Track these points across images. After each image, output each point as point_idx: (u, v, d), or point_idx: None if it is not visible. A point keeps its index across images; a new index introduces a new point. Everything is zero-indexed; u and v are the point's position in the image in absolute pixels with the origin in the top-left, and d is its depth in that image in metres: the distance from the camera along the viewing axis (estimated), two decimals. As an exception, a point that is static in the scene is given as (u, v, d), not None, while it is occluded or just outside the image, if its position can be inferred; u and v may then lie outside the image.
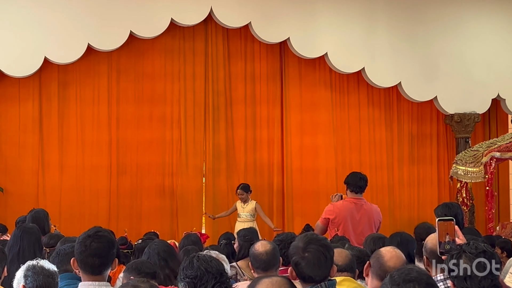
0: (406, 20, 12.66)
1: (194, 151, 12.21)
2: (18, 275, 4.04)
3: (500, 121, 13.69)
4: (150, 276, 4.70)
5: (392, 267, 3.86)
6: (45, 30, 11.06)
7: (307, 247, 3.68)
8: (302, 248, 3.68)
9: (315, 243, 3.72)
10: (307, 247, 3.68)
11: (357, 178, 8.16)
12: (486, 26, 13.11)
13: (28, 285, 3.97)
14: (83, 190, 11.65)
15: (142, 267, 4.78)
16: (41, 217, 7.56)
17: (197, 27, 12.15)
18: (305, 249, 3.67)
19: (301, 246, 3.69)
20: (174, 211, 12.06)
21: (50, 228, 7.76)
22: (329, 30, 12.26)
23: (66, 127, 11.69)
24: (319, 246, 3.72)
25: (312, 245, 3.70)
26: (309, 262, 3.63)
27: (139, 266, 4.79)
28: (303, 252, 3.66)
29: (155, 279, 4.78)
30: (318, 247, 3.70)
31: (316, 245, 3.71)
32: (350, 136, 12.94)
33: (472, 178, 11.29)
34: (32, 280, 3.96)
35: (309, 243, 3.71)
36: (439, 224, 3.64)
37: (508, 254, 7.83)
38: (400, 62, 12.56)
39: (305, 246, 3.68)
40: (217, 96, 12.37)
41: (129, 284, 3.09)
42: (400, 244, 5.45)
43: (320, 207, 11.35)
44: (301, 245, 3.70)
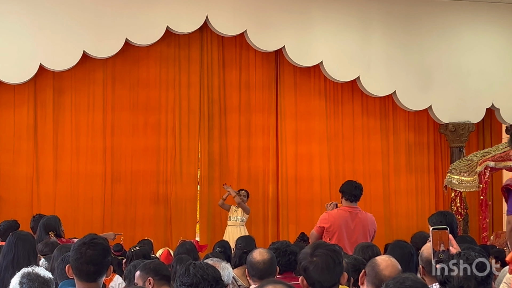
0: (401, 29, 12.69)
1: (188, 158, 12.20)
2: (13, 282, 4.02)
3: (494, 131, 13.71)
4: (166, 279, 4.74)
5: (388, 276, 3.87)
6: (41, 37, 11.06)
7: (315, 251, 3.67)
8: (310, 253, 3.67)
9: (323, 247, 3.72)
10: (315, 252, 3.67)
11: (352, 187, 8.15)
12: (481, 36, 13.14)
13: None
14: (77, 197, 11.64)
15: (161, 269, 4.82)
16: (52, 223, 7.57)
17: (193, 35, 12.16)
18: (313, 253, 3.66)
19: (309, 251, 3.69)
20: (168, 219, 12.05)
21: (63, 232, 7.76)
22: (324, 39, 12.28)
23: (60, 134, 11.68)
24: (327, 250, 3.71)
25: (320, 249, 3.69)
26: (317, 266, 3.62)
27: (157, 268, 4.83)
28: (311, 257, 3.65)
29: (169, 282, 4.81)
30: (326, 251, 3.69)
31: (324, 249, 3.70)
32: (344, 145, 12.95)
33: (466, 187, 11.31)
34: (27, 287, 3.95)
35: (317, 247, 3.71)
36: (433, 232, 3.64)
37: (502, 263, 7.83)
38: (395, 72, 12.58)
39: (313, 251, 3.67)
40: (212, 104, 12.38)
41: None
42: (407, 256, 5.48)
43: (314, 215, 11.39)
44: (309, 251, 3.69)
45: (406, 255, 5.54)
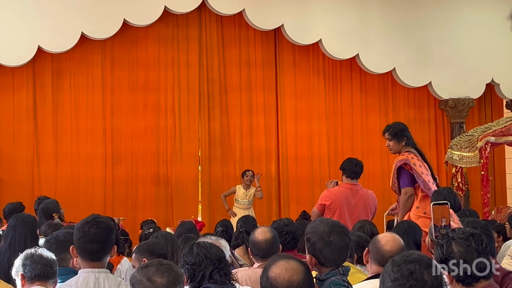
0: (400, 5, 12.65)
1: (188, 138, 12.20)
2: (16, 264, 4.02)
3: (495, 106, 13.71)
4: (162, 257, 4.71)
5: (389, 251, 3.88)
6: (39, 19, 11.01)
7: (331, 231, 3.63)
8: (327, 233, 3.62)
9: (338, 226, 3.67)
10: (331, 232, 3.62)
11: (353, 164, 8.15)
12: (480, 11, 13.10)
13: (26, 274, 3.96)
14: (78, 179, 11.65)
15: (155, 249, 4.80)
16: (51, 208, 7.56)
17: (191, 15, 12.12)
18: (330, 233, 3.61)
19: (326, 230, 3.63)
20: (169, 199, 12.07)
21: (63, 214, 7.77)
22: (323, 17, 12.24)
23: (60, 116, 11.67)
24: (341, 228, 3.67)
25: (335, 228, 3.64)
26: (335, 246, 3.56)
27: (151, 248, 4.82)
28: (329, 236, 3.60)
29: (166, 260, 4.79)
30: (341, 229, 3.65)
31: (339, 228, 3.66)
32: (343, 123, 12.96)
33: (467, 163, 11.31)
34: (30, 269, 3.95)
35: (333, 227, 3.65)
36: (434, 208, 3.65)
37: (504, 238, 7.85)
38: (394, 48, 12.56)
39: (330, 230, 3.63)
40: (212, 84, 12.36)
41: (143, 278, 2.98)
42: (407, 232, 5.46)
43: (315, 193, 11.42)
44: (325, 229, 3.63)
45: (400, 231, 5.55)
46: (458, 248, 3.13)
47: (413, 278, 2.59)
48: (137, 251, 4.85)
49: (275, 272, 3.04)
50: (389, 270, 2.66)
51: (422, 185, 6.95)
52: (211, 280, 3.75)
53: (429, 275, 2.60)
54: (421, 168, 7.02)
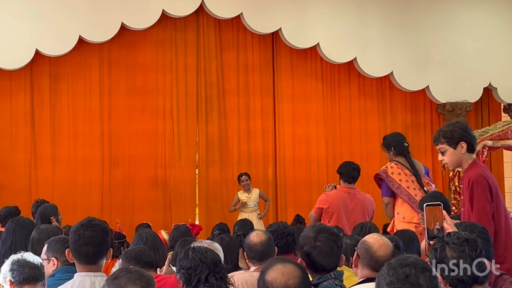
0: (398, 9, 12.66)
1: (186, 142, 12.19)
2: (3, 270, 4.02)
3: (492, 110, 13.71)
4: (149, 265, 4.67)
5: (383, 256, 3.89)
6: (36, 22, 11.00)
7: (317, 236, 3.67)
8: (313, 238, 3.66)
9: (325, 231, 3.72)
10: (318, 236, 3.67)
11: (350, 168, 8.18)
12: (478, 15, 13.12)
13: (15, 279, 3.97)
14: (76, 182, 11.63)
15: (142, 256, 4.74)
16: (49, 212, 7.54)
17: (189, 18, 12.12)
18: (316, 238, 3.65)
19: (312, 235, 3.68)
20: (167, 203, 12.05)
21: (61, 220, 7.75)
22: (321, 21, 12.24)
23: (58, 120, 11.66)
24: (329, 234, 3.71)
25: (322, 234, 3.69)
26: (321, 250, 3.62)
27: (138, 255, 4.75)
28: (315, 241, 3.64)
29: (153, 268, 4.76)
30: (329, 235, 3.70)
31: (326, 233, 3.70)
32: (341, 127, 12.95)
33: (464, 167, 11.28)
34: (18, 274, 3.95)
35: (320, 232, 3.70)
36: (427, 209, 3.59)
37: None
38: (392, 52, 12.56)
39: (316, 235, 3.67)
40: (210, 87, 12.36)
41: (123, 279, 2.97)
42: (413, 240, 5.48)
43: (312, 197, 11.42)
44: (311, 235, 3.68)
45: (406, 239, 5.55)
46: (452, 253, 3.14)
47: (408, 281, 2.60)
48: (124, 258, 4.79)
49: (272, 276, 3.06)
50: (384, 273, 2.67)
51: (398, 192, 7.23)
52: (207, 284, 3.76)
53: (424, 278, 2.61)
54: (400, 175, 7.31)
